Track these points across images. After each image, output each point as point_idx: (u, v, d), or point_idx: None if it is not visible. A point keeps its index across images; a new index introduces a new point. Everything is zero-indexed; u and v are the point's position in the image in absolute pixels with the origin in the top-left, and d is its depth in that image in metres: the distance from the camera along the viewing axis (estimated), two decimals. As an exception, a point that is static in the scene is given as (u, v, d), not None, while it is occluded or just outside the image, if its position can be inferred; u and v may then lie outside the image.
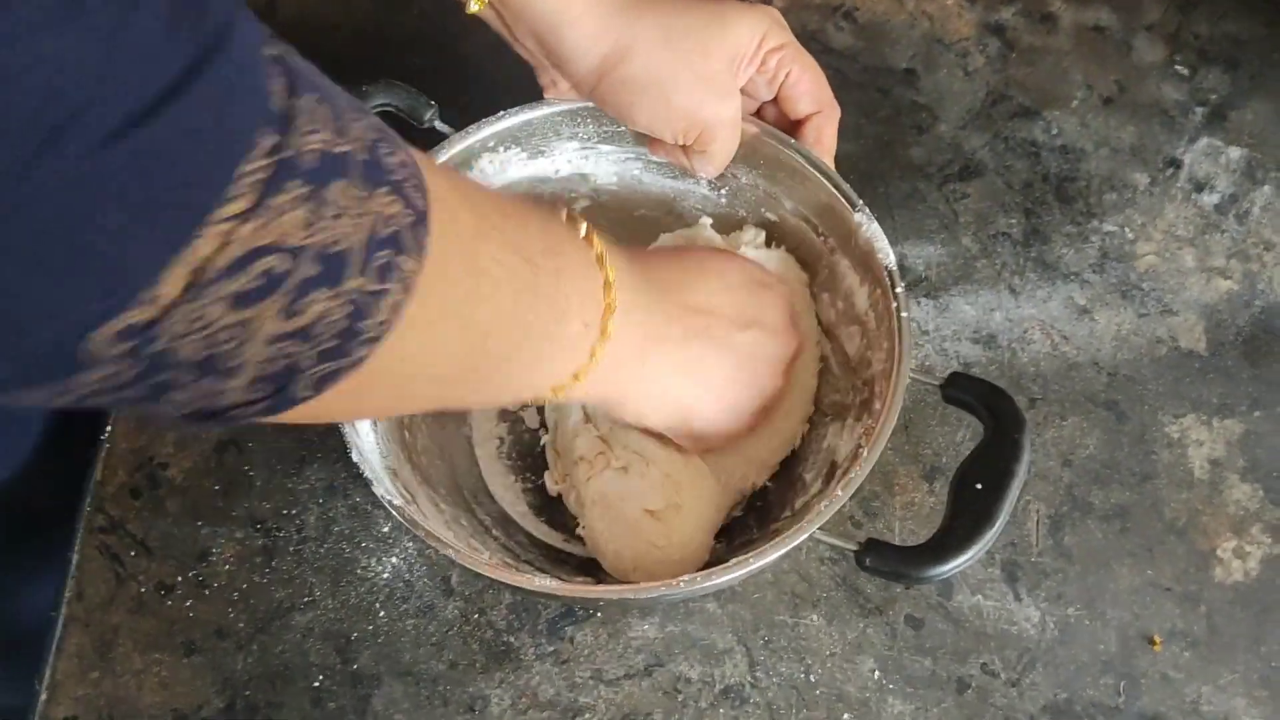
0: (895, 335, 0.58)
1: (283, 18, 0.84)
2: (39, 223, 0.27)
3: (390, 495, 0.54)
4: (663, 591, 0.53)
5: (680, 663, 0.64)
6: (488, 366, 0.45)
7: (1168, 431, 0.70)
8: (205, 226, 0.29)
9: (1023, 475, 0.54)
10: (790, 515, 0.62)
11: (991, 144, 0.80)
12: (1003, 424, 0.55)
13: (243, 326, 0.31)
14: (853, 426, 0.61)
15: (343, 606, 0.65)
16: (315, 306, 0.32)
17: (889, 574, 0.53)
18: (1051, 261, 0.75)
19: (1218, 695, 0.63)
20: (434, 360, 0.41)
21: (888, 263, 0.59)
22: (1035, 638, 0.65)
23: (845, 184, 0.62)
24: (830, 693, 0.63)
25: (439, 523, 0.59)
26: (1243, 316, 0.74)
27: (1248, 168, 0.79)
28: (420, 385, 0.43)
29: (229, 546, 0.66)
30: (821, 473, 0.62)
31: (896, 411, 0.55)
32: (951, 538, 0.52)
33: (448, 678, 0.64)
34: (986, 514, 0.52)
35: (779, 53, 0.62)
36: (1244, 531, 0.67)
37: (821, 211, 0.64)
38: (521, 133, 0.65)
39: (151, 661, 0.64)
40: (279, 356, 0.32)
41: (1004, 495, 0.53)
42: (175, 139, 0.28)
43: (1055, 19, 0.84)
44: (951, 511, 0.53)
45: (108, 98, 0.27)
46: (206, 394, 0.32)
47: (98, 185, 0.27)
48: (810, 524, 0.53)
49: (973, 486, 0.54)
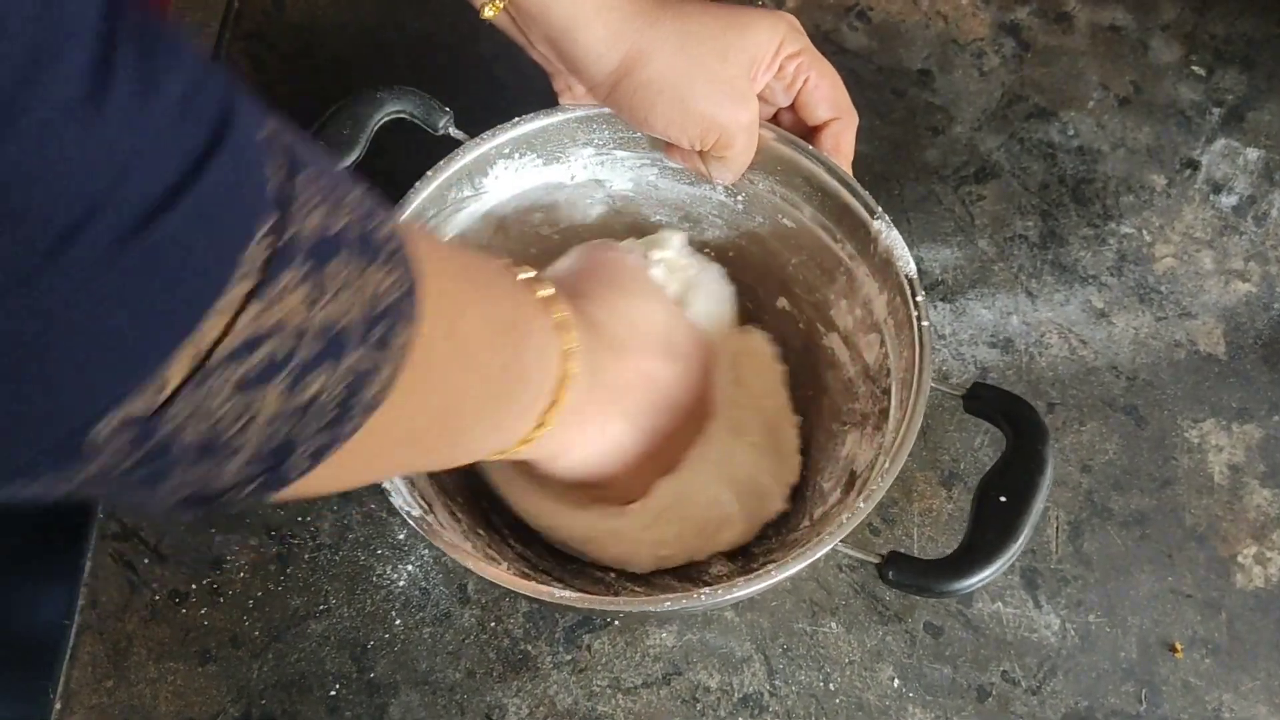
0: (915, 344, 0.57)
1: (290, 19, 0.84)
2: (46, 320, 0.26)
3: (408, 506, 0.54)
4: (684, 604, 0.52)
5: (699, 671, 0.64)
6: (457, 431, 0.46)
7: (1187, 436, 0.70)
8: (210, 313, 0.28)
9: (1047, 488, 0.53)
10: (809, 525, 0.62)
11: (1007, 145, 0.79)
12: (1025, 436, 0.55)
13: (247, 409, 0.31)
14: (871, 435, 0.61)
15: (358, 614, 0.65)
16: (316, 384, 0.32)
17: (911, 587, 0.53)
18: (1069, 264, 0.75)
19: (1239, 702, 0.63)
20: (416, 426, 0.41)
21: (907, 270, 0.59)
22: (1056, 645, 0.64)
23: (864, 191, 0.61)
24: (849, 701, 0.63)
25: (457, 533, 0.58)
26: (1262, 320, 0.73)
27: (1266, 169, 0.78)
28: (398, 452, 0.43)
29: (243, 554, 0.66)
30: (840, 482, 0.62)
31: (918, 422, 0.55)
32: (976, 552, 0.52)
33: (464, 686, 0.63)
34: (1011, 528, 0.52)
35: (796, 58, 0.61)
36: (1265, 537, 0.67)
37: (839, 218, 0.64)
38: (537, 139, 0.64)
39: (166, 670, 0.63)
40: (278, 434, 0.32)
41: (1028, 508, 0.52)
42: (185, 233, 0.27)
43: (1071, 19, 0.84)
44: (975, 525, 0.53)
45: (126, 193, 0.26)
46: (203, 477, 0.32)
47: (109, 283, 0.26)
48: (832, 536, 0.52)
49: (996, 499, 0.53)
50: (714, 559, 0.64)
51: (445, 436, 0.45)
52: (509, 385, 0.47)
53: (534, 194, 0.67)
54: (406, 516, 0.53)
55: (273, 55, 0.81)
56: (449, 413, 0.43)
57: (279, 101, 0.32)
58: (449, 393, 0.42)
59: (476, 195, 0.65)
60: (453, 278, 0.42)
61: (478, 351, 0.43)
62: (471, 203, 0.65)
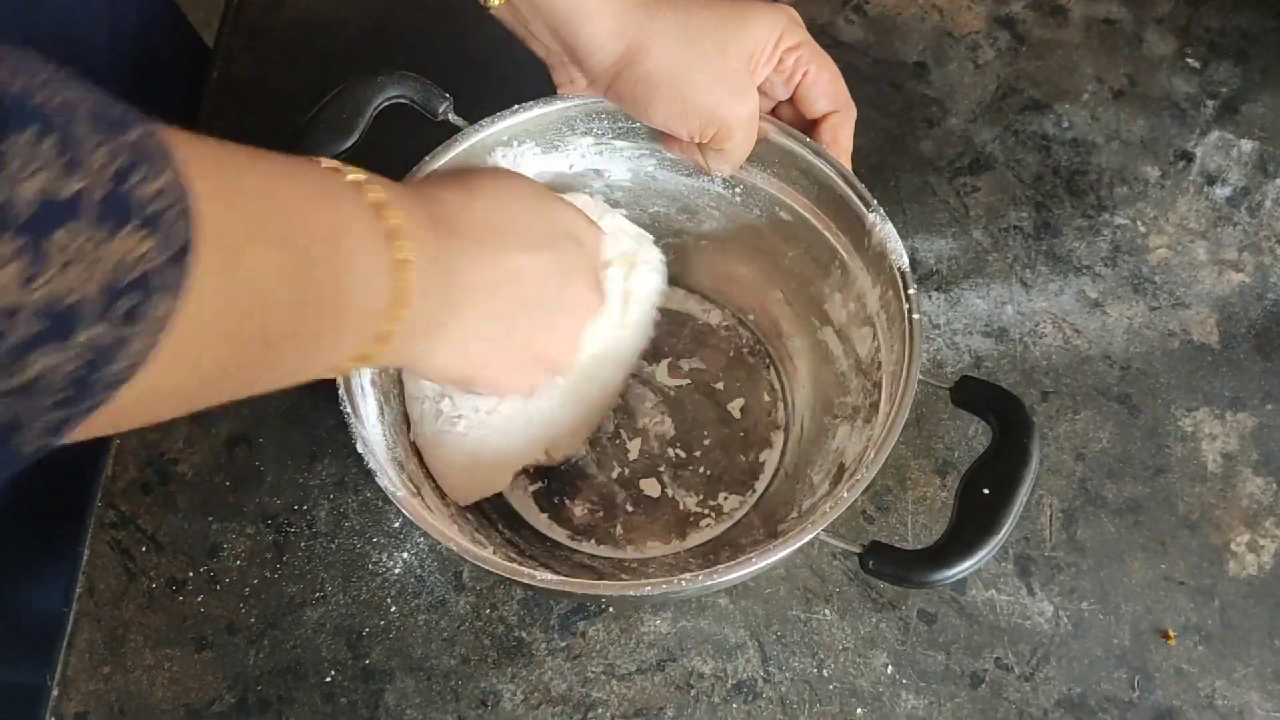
0: (906, 337, 0.57)
1: (289, 14, 0.84)
2: None
3: (394, 487, 0.54)
4: (664, 590, 0.52)
5: (693, 657, 0.64)
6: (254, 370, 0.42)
7: (1181, 425, 0.70)
8: None
9: (1030, 481, 0.53)
10: (797, 515, 0.62)
11: (1002, 137, 0.79)
12: (1011, 429, 0.55)
13: None
14: (862, 429, 0.61)
15: (354, 602, 0.65)
16: (39, 363, 0.29)
17: (891, 577, 0.53)
18: (1063, 255, 0.75)
19: (1232, 689, 0.63)
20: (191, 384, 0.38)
21: (900, 264, 0.59)
22: (1049, 632, 0.64)
23: (860, 184, 0.61)
24: (843, 687, 0.63)
25: (444, 516, 0.58)
26: (1255, 309, 0.74)
27: (1259, 160, 0.78)
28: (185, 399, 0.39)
29: (240, 542, 0.66)
30: (830, 474, 0.62)
31: (905, 414, 0.55)
32: (956, 543, 0.52)
33: (459, 673, 0.63)
34: (993, 520, 0.52)
35: (796, 51, 0.62)
36: (1257, 525, 0.67)
37: (835, 211, 0.64)
38: (536, 127, 0.65)
39: (163, 657, 0.64)
40: None
41: (1011, 501, 0.52)
42: None
43: (1065, 12, 0.84)
44: (958, 516, 0.53)
45: None
46: None
47: None
48: (815, 525, 0.52)
49: (979, 491, 0.53)
50: None
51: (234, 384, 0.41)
52: (319, 315, 0.43)
53: (534, 183, 0.68)
54: (392, 497, 0.53)
55: (272, 50, 0.82)
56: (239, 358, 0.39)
57: (277, 96, 0.31)
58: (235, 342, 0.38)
59: (474, 183, 0.65)
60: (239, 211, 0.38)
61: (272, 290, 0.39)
62: (469, 191, 0.66)
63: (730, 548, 0.66)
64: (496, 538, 0.62)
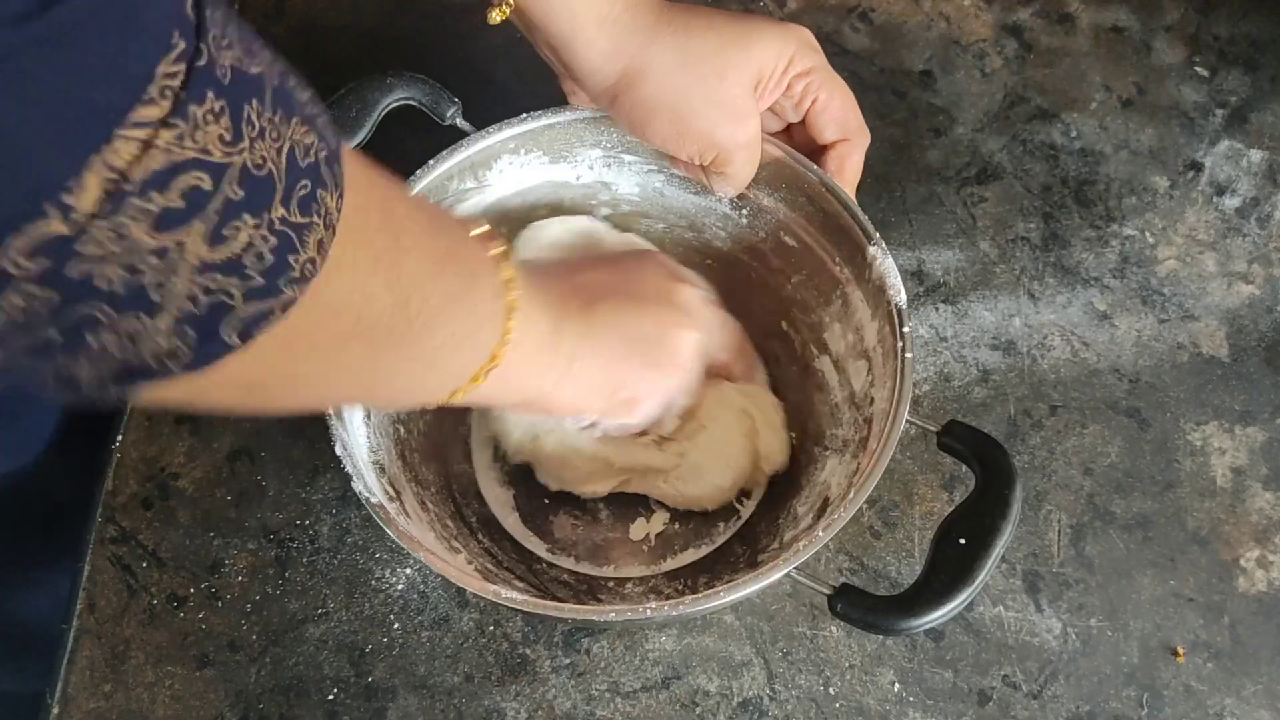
0: (897, 375, 0.57)
1: (290, 20, 0.84)
2: None
3: (368, 492, 0.53)
4: (628, 617, 0.51)
5: (698, 675, 0.63)
6: (414, 334, 0.43)
7: (1190, 439, 0.69)
8: (122, 128, 0.28)
9: (1009, 533, 0.52)
10: (777, 547, 0.61)
11: (1009, 147, 0.79)
12: (994, 478, 0.54)
13: (167, 251, 0.30)
14: (849, 463, 0.60)
15: (357, 618, 0.64)
16: (242, 235, 0.31)
17: (860, 622, 0.52)
18: (1071, 266, 0.74)
19: (1241, 707, 0.63)
20: (364, 315, 0.39)
21: (898, 300, 0.58)
22: (1057, 649, 0.64)
23: (863, 215, 0.60)
24: (850, 705, 0.63)
25: (421, 523, 0.58)
26: (1265, 322, 0.73)
27: (1269, 171, 0.78)
28: (350, 354, 0.41)
29: (241, 558, 0.66)
30: (814, 507, 0.61)
31: (889, 455, 0.54)
32: (927, 591, 0.51)
33: (463, 690, 0.63)
34: (966, 571, 0.51)
35: (806, 77, 0.60)
36: (1267, 541, 0.67)
37: (839, 241, 0.63)
38: (544, 136, 0.64)
39: (164, 674, 0.63)
40: (205, 292, 0.31)
41: (987, 553, 0.51)
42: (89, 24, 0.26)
43: (1073, 20, 0.83)
44: (930, 565, 0.52)
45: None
46: (128, 335, 0.30)
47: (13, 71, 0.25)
48: (786, 563, 0.52)
49: (956, 541, 0.52)
50: None
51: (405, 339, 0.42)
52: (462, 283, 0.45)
53: (538, 191, 0.67)
54: (364, 501, 0.53)
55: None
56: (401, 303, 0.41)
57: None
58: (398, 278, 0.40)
59: (479, 188, 0.65)
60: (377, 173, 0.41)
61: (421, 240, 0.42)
62: (474, 195, 0.65)
63: (709, 574, 0.65)
64: (475, 547, 0.61)
